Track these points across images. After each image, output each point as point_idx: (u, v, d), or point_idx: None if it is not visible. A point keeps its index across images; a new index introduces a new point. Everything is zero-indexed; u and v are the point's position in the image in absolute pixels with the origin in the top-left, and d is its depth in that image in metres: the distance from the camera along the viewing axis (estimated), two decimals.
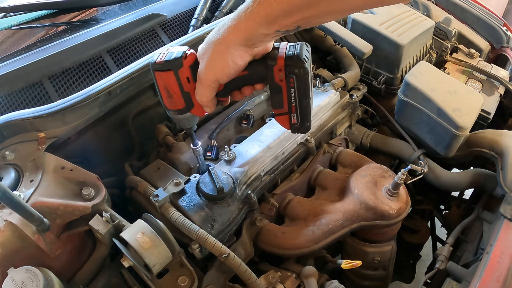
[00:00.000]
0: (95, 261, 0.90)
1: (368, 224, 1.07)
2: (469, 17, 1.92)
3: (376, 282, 1.27)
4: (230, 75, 0.75)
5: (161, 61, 0.77)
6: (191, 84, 0.79)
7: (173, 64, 0.76)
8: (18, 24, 1.43)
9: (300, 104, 0.79)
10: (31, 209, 0.72)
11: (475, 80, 1.64)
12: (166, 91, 0.80)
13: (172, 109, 0.83)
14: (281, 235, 1.07)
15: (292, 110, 0.80)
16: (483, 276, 0.94)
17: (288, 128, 0.84)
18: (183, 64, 0.77)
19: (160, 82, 0.79)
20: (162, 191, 0.96)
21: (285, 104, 0.80)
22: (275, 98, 0.80)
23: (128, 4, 1.57)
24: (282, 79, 0.76)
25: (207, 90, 0.77)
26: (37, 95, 1.17)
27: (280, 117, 0.82)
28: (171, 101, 0.81)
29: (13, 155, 0.90)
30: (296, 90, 0.77)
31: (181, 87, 0.79)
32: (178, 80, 0.78)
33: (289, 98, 0.79)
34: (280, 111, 0.81)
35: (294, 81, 0.76)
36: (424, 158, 1.37)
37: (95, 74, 1.27)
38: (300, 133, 0.85)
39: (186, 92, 0.80)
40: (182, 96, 0.80)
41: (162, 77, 0.78)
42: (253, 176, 1.07)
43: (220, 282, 0.94)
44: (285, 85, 0.77)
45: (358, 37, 1.43)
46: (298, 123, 0.82)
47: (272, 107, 0.82)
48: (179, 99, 0.81)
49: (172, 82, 0.78)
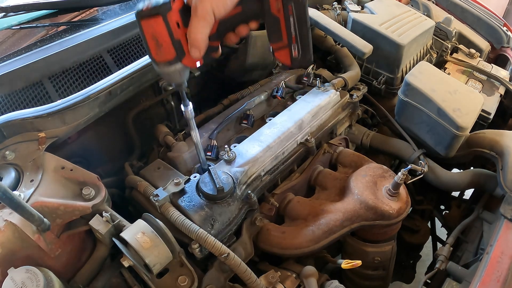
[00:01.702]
0: (95, 261, 0.90)
1: (368, 224, 1.07)
2: (469, 17, 1.92)
3: (376, 282, 1.27)
4: (227, 6, 0.73)
5: (147, 7, 0.72)
6: (182, 30, 0.75)
7: (161, 8, 0.71)
8: (18, 24, 1.43)
9: (300, 33, 0.77)
10: (31, 209, 0.72)
11: (475, 80, 1.64)
12: (154, 40, 0.74)
13: (162, 60, 0.77)
14: (281, 235, 1.07)
15: (292, 41, 0.78)
16: (483, 276, 0.94)
17: (288, 63, 0.81)
18: (172, 8, 0.72)
19: (147, 31, 0.74)
20: (162, 191, 0.96)
21: (284, 36, 0.77)
22: (273, 31, 0.77)
23: (128, 4, 1.57)
24: (280, 8, 0.74)
25: (202, 24, 0.73)
26: (37, 95, 1.17)
27: (280, 51, 0.80)
28: (160, 51, 0.75)
29: (13, 155, 0.90)
30: (295, 18, 0.75)
31: (170, 34, 0.74)
32: (168, 26, 0.73)
33: (288, 28, 0.76)
34: (279, 45, 0.78)
35: (292, 8, 0.73)
36: (424, 158, 1.37)
37: (95, 74, 1.27)
38: (302, 66, 0.83)
39: (177, 40, 0.75)
40: (172, 44, 0.75)
41: (150, 24, 0.73)
42: (253, 176, 1.07)
43: (220, 282, 0.94)
44: (282, 15, 0.75)
45: (358, 37, 1.43)
46: (299, 56, 0.79)
47: (270, 41, 0.79)
48: (169, 48, 0.75)
49: (161, 29, 0.73)
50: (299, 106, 1.25)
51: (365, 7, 1.69)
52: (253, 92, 1.37)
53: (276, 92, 1.34)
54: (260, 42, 1.40)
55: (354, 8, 1.65)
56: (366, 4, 1.69)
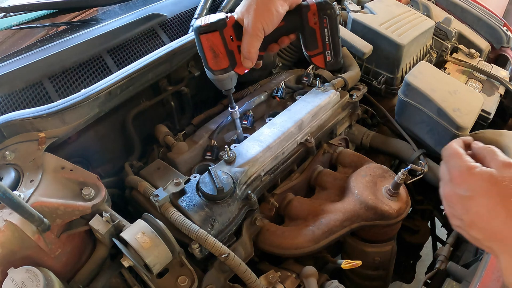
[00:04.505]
0: (95, 261, 0.90)
1: (368, 224, 1.07)
2: (469, 17, 1.92)
3: (376, 282, 1.27)
4: (274, 23, 0.87)
5: (206, 23, 0.88)
6: (235, 43, 0.90)
7: (218, 24, 0.88)
8: (18, 24, 1.43)
9: (333, 41, 0.94)
10: (31, 209, 0.72)
11: (475, 80, 1.64)
12: (212, 51, 0.90)
13: (218, 69, 0.93)
14: (281, 235, 1.07)
15: (326, 48, 0.95)
16: (483, 276, 0.94)
17: (323, 66, 0.98)
18: (227, 24, 0.88)
19: (205, 44, 0.90)
20: (162, 191, 0.96)
21: (320, 44, 0.95)
22: (310, 41, 0.95)
23: (128, 4, 1.57)
24: (316, 21, 0.91)
25: (255, 39, 0.87)
26: (37, 95, 1.17)
27: (316, 57, 0.97)
28: (217, 61, 0.91)
29: (13, 155, 0.90)
30: (329, 29, 0.92)
31: (225, 46, 0.90)
32: (223, 39, 0.89)
33: (323, 37, 0.94)
34: (315, 52, 0.96)
35: (327, 21, 0.91)
36: (424, 158, 1.36)
37: (95, 74, 1.27)
38: (334, 68, 1.03)
39: (230, 50, 0.91)
40: (227, 55, 0.91)
41: (209, 38, 0.89)
42: (253, 176, 1.07)
43: (220, 282, 0.94)
44: (318, 27, 0.92)
45: (358, 37, 1.43)
46: (332, 59, 0.96)
47: (307, 50, 0.96)
48: (224, 58, 0.91)
49: (218, 42, 0.89)
50: (299, 106, 1.25)
51: (365, 7, 1.69)
52: (253, 92, 1.37)
53: (276, 92, 1.34)
54: None
55: (354, 8, 1.65)
56: (366, 4, 1.69)
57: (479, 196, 0.60)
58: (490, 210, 0.58)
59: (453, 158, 0.66)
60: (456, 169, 0.64)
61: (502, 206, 0.57)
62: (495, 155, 0.63)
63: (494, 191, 0.58)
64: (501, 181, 0.58)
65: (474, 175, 0.61)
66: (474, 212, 0.60)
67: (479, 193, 0.60)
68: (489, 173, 0.60)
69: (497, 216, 0.57)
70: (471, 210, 0.61)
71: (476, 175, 0.61)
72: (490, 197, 0.59)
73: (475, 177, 0.61)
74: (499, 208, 0.57)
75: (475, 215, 0.60)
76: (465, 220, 0.62)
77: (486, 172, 0.60)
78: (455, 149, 0.67)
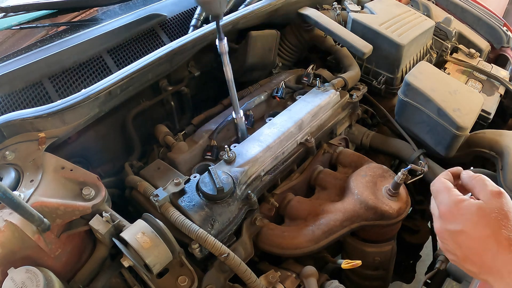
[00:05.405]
0: (95, 261, 0.90)
1: (368, 224, 1.07)
2: (469, 17, 1.92)
3: (376, 282, 1.27)
4: None
5: None
6: None
7: None
8: (18, 24, 1.43)
9: None
10: (31, 209, 0.72)
11: (475, 80, 1.64)
12: None
13: None
14: (281, 235, 1.07)
15: None
16: None
17: None
18: None
19: None
20: (162, 191, 0.96)
21: None
22: None
23: (128, 4, 1.57)
24: None
25: None
26: (37, 95, 1.18)
27: None
28: None
29: (13, 155, 0.89)
30: None
31: None
32: None
33: None
34: None
35: None
36: (424, 158, 1.36)
37: (95, 74, 1.27)
38: None
39: None
40: None
41: None
42: (253, 176, 1.07)
43: (220, 282, 0.94)
44: None
45: (358, 37, 1.43)
46: None
47: None
48: None
49: None
50: (299, 106, 1.25)
51: (365, 7, 1.69)
52: (253, 92, 1.37)
53: (276, 92, 1.34)
54: (260, 42, 1.40)
55: (354, 8, 1.65)
56: (366, 4, 1.69)
57: (469, 230, 0.58)
58: (482, 244, 0.57)
59: (441, 193, 0.64)
60: (444, 205, 0.62)
61: (493, 239, 0.56)
62: (484, 184, 0.61)
63: (483, 224, 0.57)
64: (490, 213, 0.57)
65: (462, 209, 0.59)
66: (466, 246, 0.59)
67: (468, 227, 0.58)
68: (477, 205, 0.58)
69: (488, 250, 0.56)
70: (463, 245, 0.59)
71: (464, 209, 0.59)
72: (480, 231, 0.57)
73: (463, 211, 0.59)
74: (491, 241, 0.56)
75: (467, 250, 0.59)
76: (459, 255, 0.61)
77: (474, 205, 0.59)
78: (443, 183, 0.65)
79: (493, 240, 0.56)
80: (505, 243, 0.54)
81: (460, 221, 0.59)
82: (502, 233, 0.55)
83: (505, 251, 0.54)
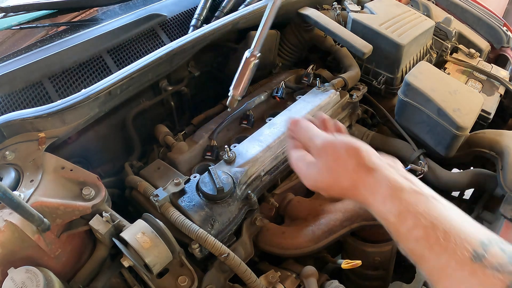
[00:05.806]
0: (95, 261, 0.90)
1: (368, 224, 1.07)
2: (469, 17, 1.92)
3: (376, 282, 1.27)
4: None
5: None
6: None
7: None
8: (18, 24, 1.43)
9: None
10: (31, 209, 0.72)
11: (475, 80, 1.64)
12: None
13: None
14: (281, 235, 1.07)
15: None
16: None
17: None
18: None
19: None
20: (162, 191, 0.96)
21: None
22: None
23: (128, 4, 1.57)
24: None
25: None
26: (37, 95, 1.17)
27: None
28: None
29: (13, 155, 0.89)
30: None
31: None
32: None
33: None
34: None
35: None
36: (424, 158, 1.36)
37: (95, 74, 1.27)
38: None
39: None
40: None
41: None
42: (253, 176, 1.07)
43: (220, 282, 0.94)
44: None
45: (358, 37, 1.43)
46: None
47: None
48: None
49: None
50: (299, 106, 1.25)
51: (365, 7, 1.69)
52: (253, 92, 1.37)
53: (276, 92, 1.34)
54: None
55: (354, 8, 1.65)
56: (366, 4, 1.69)
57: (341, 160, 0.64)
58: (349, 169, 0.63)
59: (312, 129, 0.69)
60: (322, 139, 0.67)
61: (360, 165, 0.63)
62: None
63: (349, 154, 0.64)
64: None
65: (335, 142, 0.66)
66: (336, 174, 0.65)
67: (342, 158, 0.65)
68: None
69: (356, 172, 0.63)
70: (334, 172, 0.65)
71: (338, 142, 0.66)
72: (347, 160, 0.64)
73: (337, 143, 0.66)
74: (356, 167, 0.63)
75: (337, 175, 0.65)
76: (328, 182, 0.66)
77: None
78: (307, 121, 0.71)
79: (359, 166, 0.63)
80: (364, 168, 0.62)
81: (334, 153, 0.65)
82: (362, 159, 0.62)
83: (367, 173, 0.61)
